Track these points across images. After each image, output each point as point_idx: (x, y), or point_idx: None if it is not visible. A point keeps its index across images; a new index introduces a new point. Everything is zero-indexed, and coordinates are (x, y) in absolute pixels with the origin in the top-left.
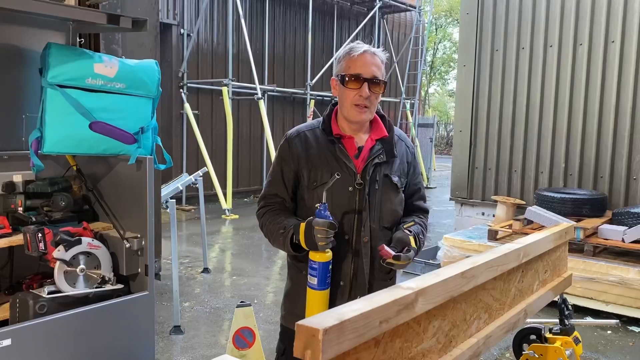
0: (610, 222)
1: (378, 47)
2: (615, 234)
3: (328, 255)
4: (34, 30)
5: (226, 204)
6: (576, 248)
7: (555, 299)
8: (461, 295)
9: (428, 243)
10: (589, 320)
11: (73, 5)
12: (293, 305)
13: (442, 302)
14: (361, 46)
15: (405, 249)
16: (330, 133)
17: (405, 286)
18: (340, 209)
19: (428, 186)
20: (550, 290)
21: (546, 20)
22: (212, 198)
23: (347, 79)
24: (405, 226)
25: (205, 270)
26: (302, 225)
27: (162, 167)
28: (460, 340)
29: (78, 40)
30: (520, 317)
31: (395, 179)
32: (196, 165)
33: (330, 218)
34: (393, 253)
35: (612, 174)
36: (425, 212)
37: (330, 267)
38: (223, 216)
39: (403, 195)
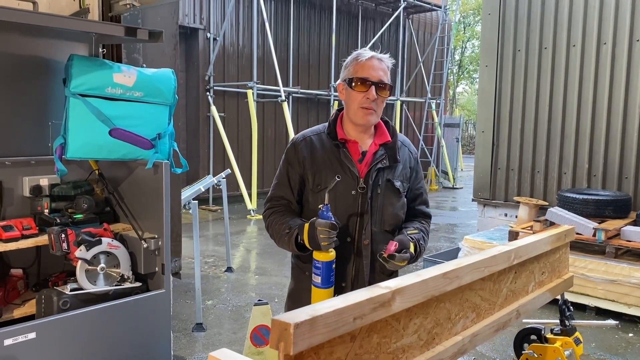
0: (634, 223)
1: (403, 47)
2: (638, 235)
3: (331, 254)
4: (60, 42)
5: (251, 204)
6: (598, 250)
7: (558, 297)
8: (444, 295)
9: (450, 244)
10: (589, 321)
11: (93, 20)
12: (295, 304)
13: (423, 301)
14: (368, 52)
15: (403, 251)
16: (335, 137)
17: (383, 285)
18: (344, 211)
19: (454, 187)
20: (547, 291)
21: (569, 19)
22: (237, 198)
23: (354, 82)
24: (408, 232)
25: (229, 269)
26: (306, 226)
27: (179, 170)
28: (445, 337)
29: (100, 50)
30: (512, 317)
31: (398, 183)
32: (222, 167)
33: (332, 219)
34: (392, 251)
35: (637, 175)
36: (427, 217)
37: (334, 266)
38: (248, 216)
39: (405, 199)
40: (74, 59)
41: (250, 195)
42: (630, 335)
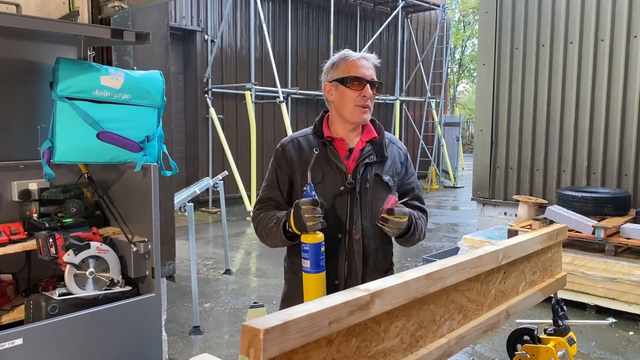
0: (634, 221)
1: (402, 47)
2: (638, 233)
3: (319, 237)
4: (49, 45)
5: (250, 206)
6: (597, 248)
7: (551, 296)
8: (428, 297)
9: (451, 244)
10: (583, 321)
11: (78, 23)
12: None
13: (405, 303)
14: (354, 52)
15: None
16: (321, 136)
17: (362, 288)
18: (333, 207)
19: (455, 186)
20: (538, 291)
21: (566, 16)
22: (237, 200)
23: (350, 81)
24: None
25: (227, 271)
26: (292, 210)
27: (169, 173)
28: (429, 340)
29: (90, 53)
30: (501, 318)
31: (387, 177)
32: (221, 168)
33: (316, 197)
34: (392, 205)
35: (637, 172)
36: (422, 211)
37: (323, 249)
38: (248, 218)
39: (396, 194)
40: (60, 62)
41: (249, 197)
42: (631, 333)
